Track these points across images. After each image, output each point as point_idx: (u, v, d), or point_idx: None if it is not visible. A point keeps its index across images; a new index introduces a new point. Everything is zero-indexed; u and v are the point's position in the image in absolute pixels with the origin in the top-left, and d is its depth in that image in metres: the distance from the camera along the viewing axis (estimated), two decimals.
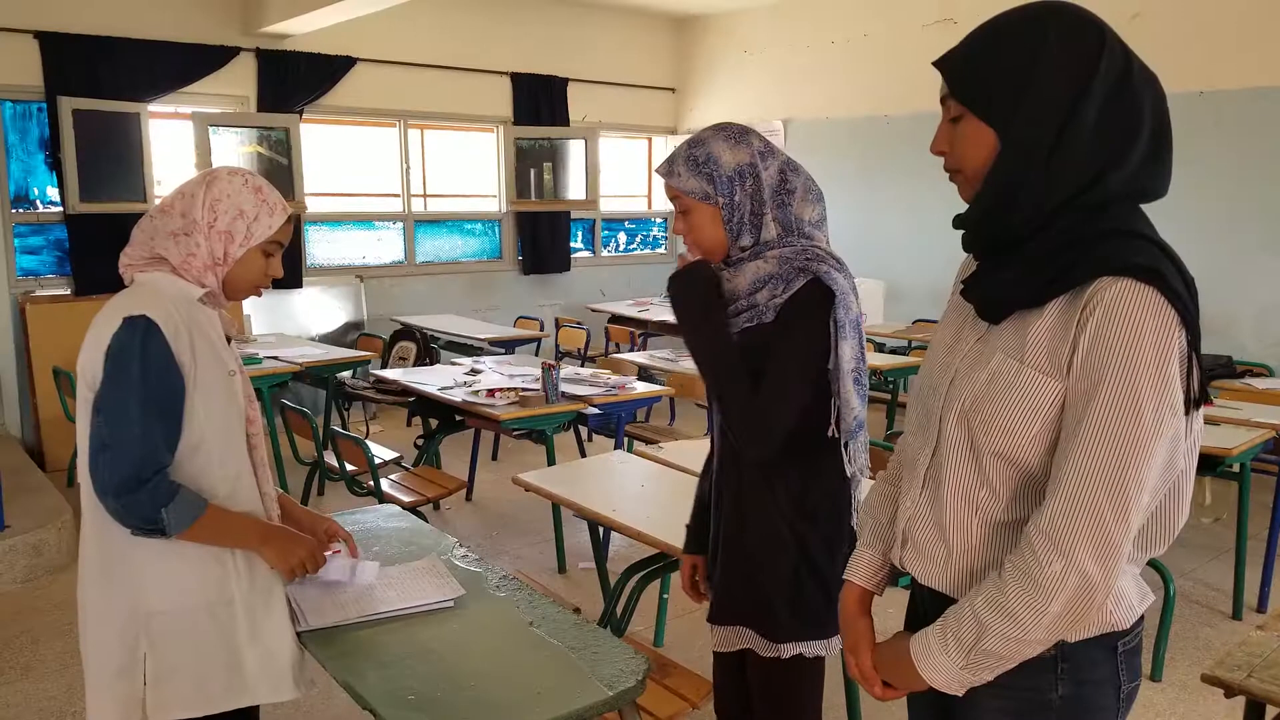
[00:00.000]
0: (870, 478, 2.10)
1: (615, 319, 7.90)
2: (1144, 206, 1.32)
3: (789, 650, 1.96)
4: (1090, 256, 1.22)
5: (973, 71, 1.31)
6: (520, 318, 7.82)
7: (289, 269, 6.50)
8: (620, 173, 9.68)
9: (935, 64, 1.35)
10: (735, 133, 1.92)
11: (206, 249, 1.80)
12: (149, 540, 1.75)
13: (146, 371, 1.71)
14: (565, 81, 8.63)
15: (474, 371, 5.10)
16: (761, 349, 1.88)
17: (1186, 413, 1.22)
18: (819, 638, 1.96)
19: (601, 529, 3.63)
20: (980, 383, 1.31)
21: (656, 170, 2.00)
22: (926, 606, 1.43)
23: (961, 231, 1.38)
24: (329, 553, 2.07)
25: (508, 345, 6.58)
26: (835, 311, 1.84)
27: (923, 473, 1.41)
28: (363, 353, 6.08)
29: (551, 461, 4.38)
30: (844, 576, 1.58)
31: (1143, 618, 1.37)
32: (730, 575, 2.00)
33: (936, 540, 1.39)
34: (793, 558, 1.92)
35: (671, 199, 1.95)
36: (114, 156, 6.40)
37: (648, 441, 4.58)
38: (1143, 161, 1.26)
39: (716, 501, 2.07)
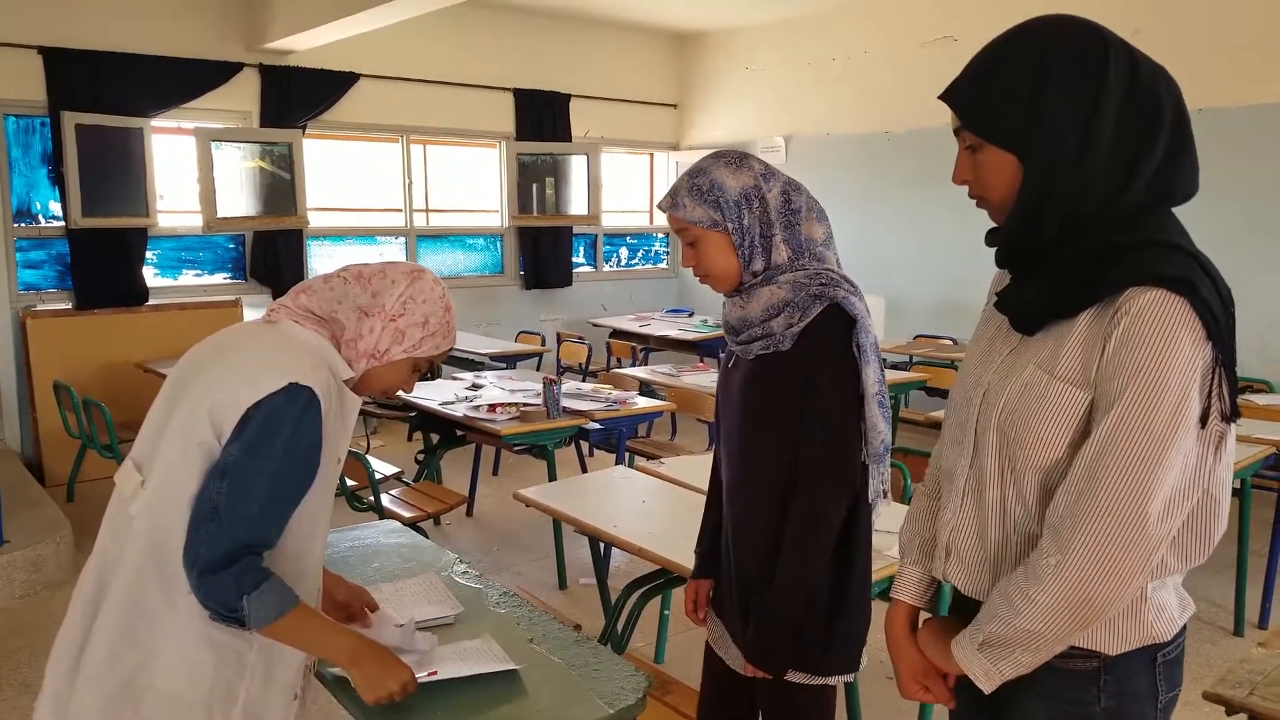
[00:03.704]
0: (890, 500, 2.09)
1: (617, 334, 7.91)
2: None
3: (798, 678, 1.94)
4: (1122, 266, 1.22)
5: (982, 101, 1.30)
6: (522, 332, 7.82)
7: (293, 282, 6.51)
8: (622, 188, 9.70)
9: (941, 97, 1.35)
10: (735, 158, 1.90)
11: (375, 337, 1.68)
12: (188, 612, 1.56)
13: (292, 449, 1.55)
14: (567, 97, 8.67)
15: (475, 386, 5.10)
16: (779, 380, 1.86)
17: (1204, 425, 1.21)
18: (826, 672, 1.94)
19: (602, 545, 3.63)
20: (1013, 395, 1.32)
21: (659, 205, 1.96)
22: (970, 615, 1.43)
23: (994, 248, 1.38)
24: (397, 624, 1.92)
25: (509, 360, 6.59)
26: (857, 336, 1.83)
27: (962, 485, 1.41)
28: None
29: (553, 477, 4.37)
30: (892, 595, 1.57)
31: (1185, 628, 1.38)
32: (760, 611, 1.92)
33: (980, 551, 1.39)
34: (811, 589, 1.89)
35: (678, 232, 1.92)
36: (116, 171, 6.42)
37: (649, 457, 4.58)
38: (1166, 159, 1.26)
39: (731, 533, 2.03)
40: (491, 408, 4.46)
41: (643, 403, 4.82)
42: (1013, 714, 1.39)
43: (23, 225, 6.36)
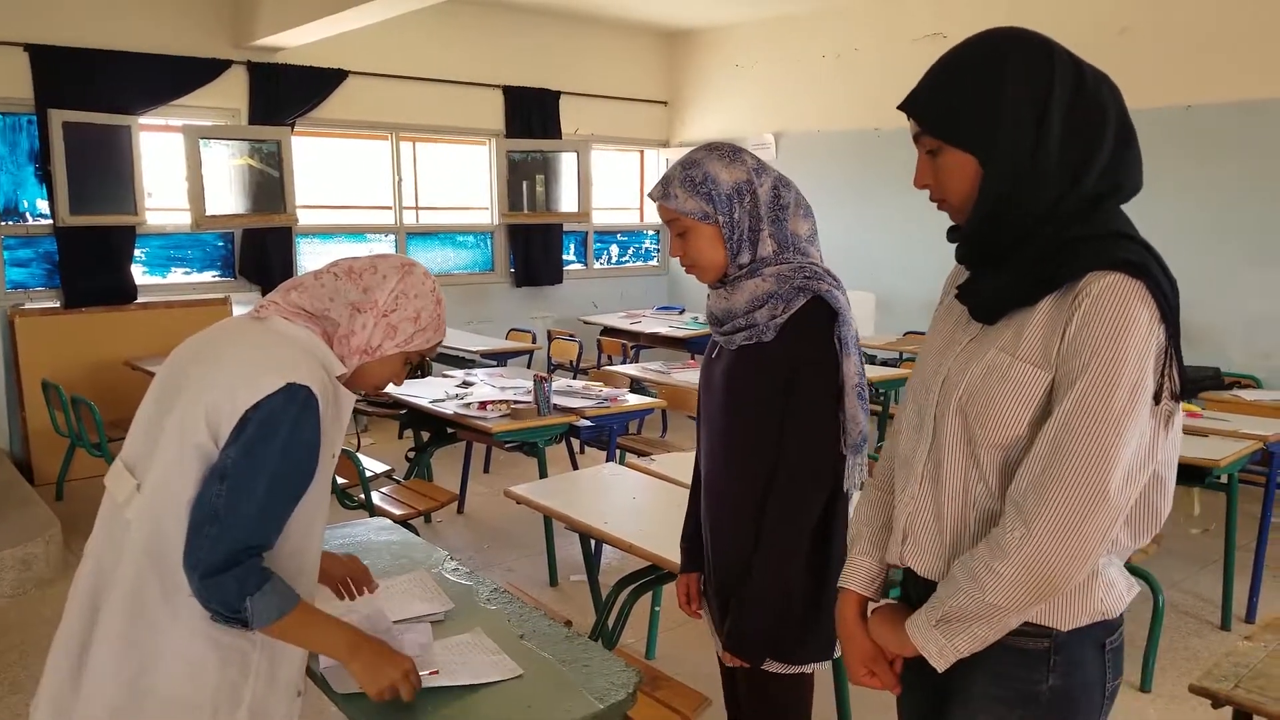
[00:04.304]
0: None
1: (607, 331, 7.91)
2: (1131, 212, 1.37)
3: (775, 667, 1.96)
4: (1081, 255, 1.29)
5: (943, 108, 1.37)
6: (512, 330, 7.82)
7: (282, 279, 6.48)
8: (612, 185, 9.70)
9: (901, 107, 1.42)
10: (728, 151, 1.92)
11: (368, 333, 1.67)
12: (190, 615, 1.55)
13: (290, 450, 1.54)
14: (557, 94, 8.66)
15: (466, 384, 5.10)
16: (761, 371, 1.88)
17: (1157, 402, 1.27)
18: (803, 659, 1.97)
19: (593, 541, 3.63)
20: (976, 377, 1.37)
21: (650, 195, 1.99)
22: (921, 601, 1.45)
23: (955, 244, 1.44)
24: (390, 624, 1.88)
25: (500, 358, 6.58)
26: (839, 329, 1.86)
27: (920, 469, 1.45)
28: None
29: (543, 474, 4.37)
30: (841, 584, 1.59)
31: (1123, 616, 1.42)
32: (739, 602, 1.94)
33: (937, 532, 1.43)
34: (789, 579, 1.91)
35: (668, 222, 1.94)
36: (104, 169, 6.39)
37: (640, 454, 4.58)
38: (1113, 155, 1.32)
39: (709, 523, 2.05)
40: (482, 405, 4.46)
41: (633, 400, 4.83)
42: (960, 692, 1.42)
43: (10, 223, 6.33)
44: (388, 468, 4.75)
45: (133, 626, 1.56)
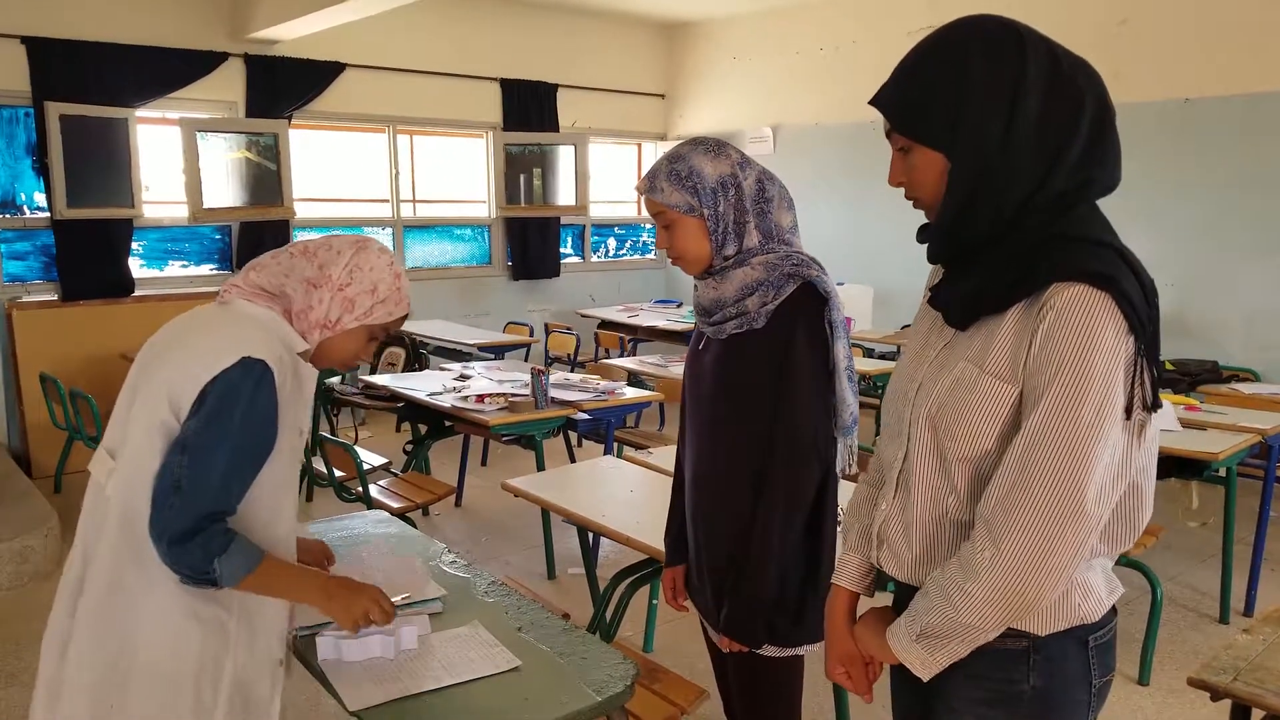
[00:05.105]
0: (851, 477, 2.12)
1: (605, 324, 7.90)
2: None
3: (770, 651, 1.97)
4: (1048, 262, 1.25)
5: (908, 104, 1.36)
6: (510, 323, 7.81)
7: None
8: (610, 178, 9.68)
9: (871, 103, 1.41)
10: (713, 145, 1.95)
11: (325, 307, 1.73)
12: (166, 586, 1.61)
13: (248, 420, 1.60)
14: (555, 87, 8.64)
15: (463, 377, 5.09)
16: (753, 357, 1.90)
17: (1129, 416, 1.23)
18: (795, 642, 1.98)
19: (591, 534, 3.63)
20: (945, 388, 1.35)
21: (636, 188, 2.02)
22: (907, 601, 1.46)
23: (925, 244, 1.41)
24: (365, 630, 1.84)
25: (497, 351, 6.58)
26: (830, 314, 1.89)
27: (895, 476, 1.45)
28: None
29: (541, 467, 4.37)
30: (832, 581, 1.60)
31: (1114, 611, 1.40)
32: (736, 587, 1.96)
33: (909, 541, 1.42)
34: (784, 562, 1.92)
35: (655, 214, 1.97)
36: (101, 162, 6.38)
37: (637, 447, 4.58)
38: (1087, 149, 1.28)
39: (698, 513, 2.06)
40: (479, 398, 4.46)
41: (631, 393, 4.82)
42: (945, 695, 1.42)
43: (7, 216, 6.32)
44: (385, 460, 4.75)
45: (111, 602, 1.63)
